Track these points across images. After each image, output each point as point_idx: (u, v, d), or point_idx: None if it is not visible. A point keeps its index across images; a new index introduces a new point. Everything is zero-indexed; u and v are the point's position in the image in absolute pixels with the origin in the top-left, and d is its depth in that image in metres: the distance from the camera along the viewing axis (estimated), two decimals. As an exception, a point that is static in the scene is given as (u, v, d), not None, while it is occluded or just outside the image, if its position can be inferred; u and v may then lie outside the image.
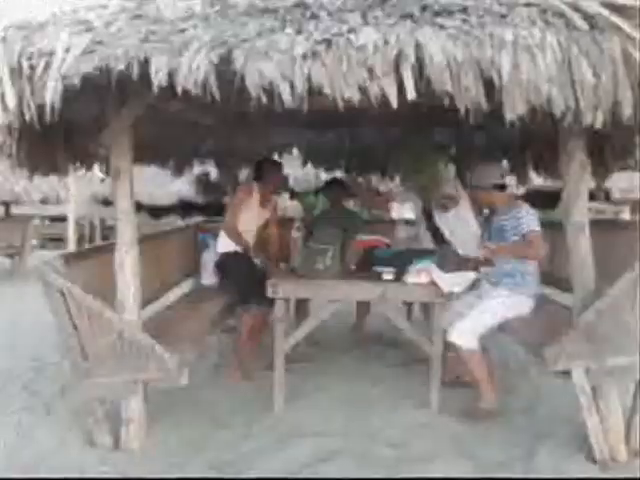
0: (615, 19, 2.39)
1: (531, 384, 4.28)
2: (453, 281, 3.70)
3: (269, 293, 3.77)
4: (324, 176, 8.25)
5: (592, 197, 4.18)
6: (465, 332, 3.54)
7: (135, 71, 2.41)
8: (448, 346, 3.72)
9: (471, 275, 3.75)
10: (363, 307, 5.35)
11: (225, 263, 4.63)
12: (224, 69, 2.39)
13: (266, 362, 4.23)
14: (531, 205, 3.62)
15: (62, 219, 14.26)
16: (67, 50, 2.48)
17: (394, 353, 5.08)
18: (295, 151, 6.40)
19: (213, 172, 10.76)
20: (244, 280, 4.42)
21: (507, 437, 3.39)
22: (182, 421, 3.62)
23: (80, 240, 13.87)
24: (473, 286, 3.81)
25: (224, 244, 4.58)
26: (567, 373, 3.09)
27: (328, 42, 2.40)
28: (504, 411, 3.71)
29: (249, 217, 4.59)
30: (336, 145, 5.94)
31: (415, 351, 4.29)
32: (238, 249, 4.53)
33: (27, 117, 2.53)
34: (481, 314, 3.57)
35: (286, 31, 2.50)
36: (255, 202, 4.62)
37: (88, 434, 3.33)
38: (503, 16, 2.50)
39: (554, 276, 4.26)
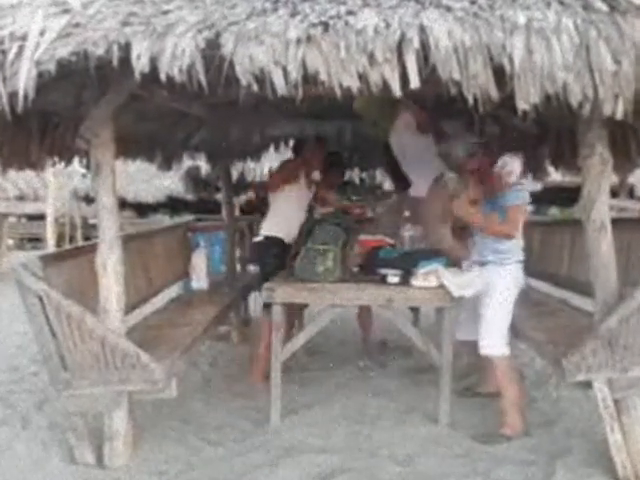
0: (637, 0, 2.38)
1: (549, 396, 4.29)
2: (463, 284, 3.68)
3: (264, 297, 3.77)
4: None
5: (614, 194, 4.17)
6: (494, 340, 3.52)
7: (115, 56, 2.41)
8: (460, 354, 3.72)
9: (482, 278, 3.74)
10: (364, 314, 5.22)
11: (259, 248, 4.78)
12: (211, 54, 2.39)
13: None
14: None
15: (40, 217, 14.32)
16: (42, 33, 2.47)
17: (399, 362, 5.09)
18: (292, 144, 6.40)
19: (204, 167, 10.76)
20: (264, 276, 4.43)
21: (523, 453, 3.38)
22: (170, 436, 3.63)
23: (60, 240, 13.92)
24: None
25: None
26: (588, 384, 3.09)
27: (325, 25, 2.40)
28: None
29: None
30: (336, 137, 5.93)
31: (422, 360, 4.29)
32: (279, 235, 4.65)
33: (-2, 106, 2.52)
34: (495, 313, 3.55)
35: (279, 13, 2.50)
36: None
37: (69, 450, 3.34)
38: (515, -3, 2.50)
39: (573, 279, 4.26)
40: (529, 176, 5.79)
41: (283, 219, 4.69)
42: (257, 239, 4.82)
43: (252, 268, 6.06)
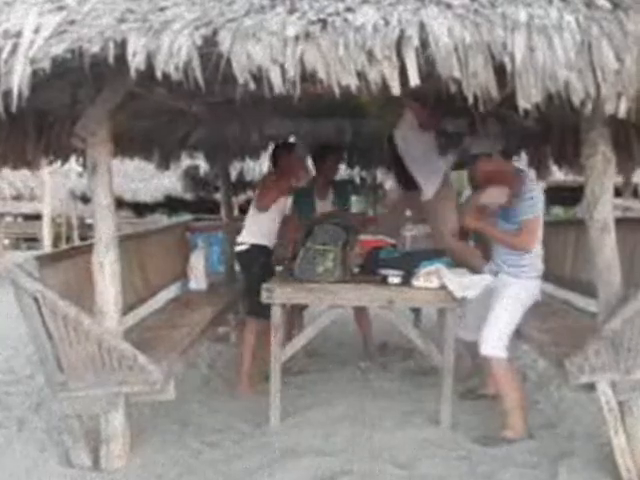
0: (641, -4, 2.38)
1: (552, 398, 4.29)
2: (466, 285, 3.68)
3: (263, 298, 3.77)
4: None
5: (618, 193, 4.17)
6: (493, 342, 3.50)
7: (111, 54, 2.40)
8: (461, 355, 3.71)
9: (487, 278, 3.74)
10: (361, 315, 5.19)
11: (244, 256, 4.61)
12: (208, 51, 2.38)
13: (262, 374, 4.24)
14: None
15: (36, 217, 14.33)
16: (36, 31, 2.46)
17: (400, 364, 5.08)
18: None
19: (202, 166, 10.76)
20: (253, 284, 4.36)
21: (526, 456, 3.38)
22: (168, 438, 3.63)
23: (56, 240, 13.93)
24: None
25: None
26: (591, 386, 3.08)
27: (323, 22, 2.39)
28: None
29: None
30: (337, 136, 5.93)
31: (424, 361, 4.29)
32: (264, 243, 4.53)
33: (-8, 105, 2.52)
34: (500, 316, 3.54)
35: (277, 10, 2.49)
36: None
37: (65, 453, 3.34)
38: (516, -7, 2.49)
39: (576, 280, 4.26)
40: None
41: (268, 228, 4.58)
42: (242, 248, 4.58)
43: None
